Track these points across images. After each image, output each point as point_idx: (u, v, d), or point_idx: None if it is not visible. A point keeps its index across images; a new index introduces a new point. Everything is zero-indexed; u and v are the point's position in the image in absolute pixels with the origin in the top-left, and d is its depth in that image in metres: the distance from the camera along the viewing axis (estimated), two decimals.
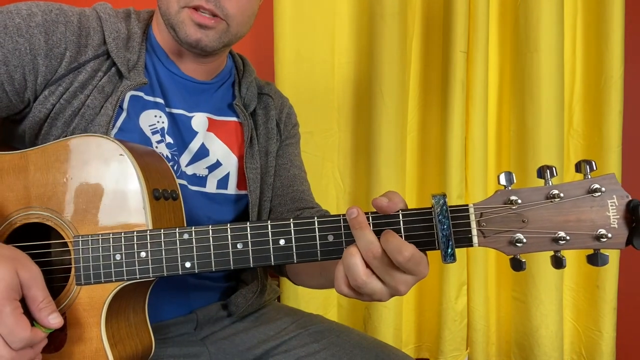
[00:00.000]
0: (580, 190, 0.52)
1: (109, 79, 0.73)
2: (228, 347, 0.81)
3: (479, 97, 1.29)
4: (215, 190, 0.82)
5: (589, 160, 0.53)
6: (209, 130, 0.83)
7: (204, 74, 0.84)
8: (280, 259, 0.57)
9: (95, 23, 0.74)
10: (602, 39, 1.31)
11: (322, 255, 0.56)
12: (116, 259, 0.60)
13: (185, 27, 0.73)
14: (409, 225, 0.55)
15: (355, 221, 0.53)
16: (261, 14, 0.84)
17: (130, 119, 0.74)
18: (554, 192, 0.52)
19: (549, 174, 0.53)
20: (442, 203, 0.53)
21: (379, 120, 1.29)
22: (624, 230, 0.52)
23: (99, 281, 0.60)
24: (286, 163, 0.91)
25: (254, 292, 0.84)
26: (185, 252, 0.59)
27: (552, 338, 1.30)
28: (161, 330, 0.76)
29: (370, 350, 0.77)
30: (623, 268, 1.35)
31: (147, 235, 0.60)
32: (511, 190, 0.54)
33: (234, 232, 0.58)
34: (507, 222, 0.53)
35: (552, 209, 0.52)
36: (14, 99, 0.70)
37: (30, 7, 0.70)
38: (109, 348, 0.60)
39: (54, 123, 0.71)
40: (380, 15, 1.27)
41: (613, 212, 0.52)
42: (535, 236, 0.53)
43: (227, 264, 0.58)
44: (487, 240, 0.54)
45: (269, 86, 0.94)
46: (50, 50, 0.69)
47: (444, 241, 0.53)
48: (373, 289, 0.53)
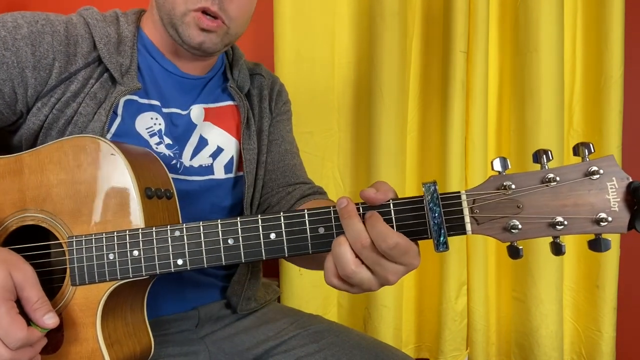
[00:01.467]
0: (577, 173, 0.50)
1: (101, 85, 0.73)
2: (228, 347, 0.81)
3: (479, 97, 1.29)
4: (224, 175, 0.82)
5: (586, 143, 0.51)
6: (206, 120, 0.83)
7: (200, 70, 0.84)
8: (272, 253, 0.57)
9: (83, 30, 0.74)
10: (602, 39, 1.31)
11: (313, 248, 0.56)
12: (109, 258, 0.60)
13: (189, 30, 0.74)
14: (400, 215, 0.53)
15: (344, 210, 0.53)
16: (261, 14, 0.84)
17: (125, 124, 0.74)
18: (549, 176, 0.50)
19: (545, 158, 0.51)
20: (433, 190, 0.52)
21: (379, 120, 1.29)
22: (625, 213, 0.49)
23: (93, 281, 0.60)
24: (277, 139, 0.91)
25: (245, 274, 0.84)
26: (177, 249, 0.59)
27: (552, 338, 1.30)
28: (162, 326, 0.77)
29: (369, 350, 0.77)
30: (623, 268, 1.35)
31: (139, 233, 0.60)
32: (505, 175, 0.52)
33: (224, 228, 0.58)
34: (502, 208, 0.51)
35: (548, 193, 0.50)
36: (5, 112, 0.70)
37: (16, 19, 0.69)
38: (105, 348, 0.60)
39: (48, 133, 0.71)
40: (380, 15, 1.27)
41: (613, 194, 0.50)
42: (531, 222, 0.51)
43: (219, 260, 0.58)
44: (482, 228, 0.52)
45: (258, 67, 0.95)
46: (38, 62, 0.69)
47: (436, 229, 0.51)
48: (362, 279, 0.52)
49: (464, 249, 1.33)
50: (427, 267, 1.39)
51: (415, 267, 0.53)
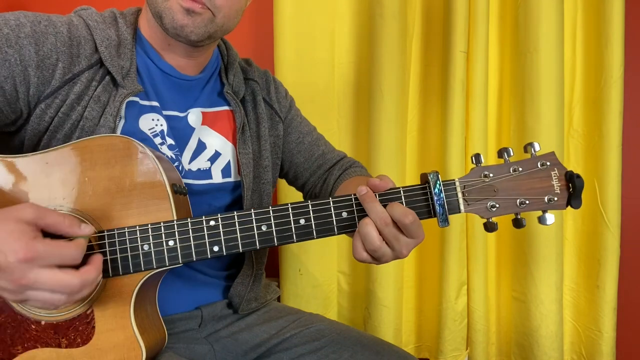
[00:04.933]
0: (532, 164, 0.67)
1: (104, 88, 0.73)
2: (231, 346, 0.82)
3: (479, 97, 1.29)
4: (221, 179, 0.83)
5: (531, 143, 0.68)
6: (204, 124, 0.83)
7: (194, 68, 0.84)
8: (302, 237, 0.65)
9: (85, 32, 0.74)
10: (602, 39, 1.31)
11: (339, 230, 0.65)
12: (144, 249, 0.63)
13: (172, 13, 0.73)
14: (409, 199, 0.66)
15: (366, 196, 0.64)
16: (261, 14, 0.84)
17: (129, 125, 0.75)
18: (514, 167, 0.67)
19: (507, 154, 0.67)
20: (436, 179, 0.66)
21: (379, 120, 1.29)
22: (565, 194, 0.66)
23: (127, 272, 0.63)
24: (298, 137, 0.96)
25: (249, 276, 0.85)
26: (213, 237, 0.64)
27: (552, 338, 1.30)
28: (167, 325, 0.77)
29: (370, 348, 0.77)
30: (623, 268, 1.35)
31: (175, 224, 0.64)
32: (485, 167, 0.67)
33: (258, 216, 0.65)
34: (483, 192, 0.67)
35: (515, 180, 0.67)
36: (5, 110, 0.69)
37: (19, 18, 0.69)
38: (140, 335, 0.62)
39: (53, 135, 0.71)
40: (380, 15, 1.27)
41: (556, 180, 0.67)
42: (504, 202, 0.66)
43: (254, 245, 0.65)
44: (471, 208, 0.66)
45: (250, 67, 0.95)
46: (42, 61, 0.69)
47: (439, 209, 0.65)
48: (384, 252, 0.63)
49: (464, 249, 1.33)
50: (427, 267, 1.39)
51: (422, 240, 0.65)
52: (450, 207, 0.66)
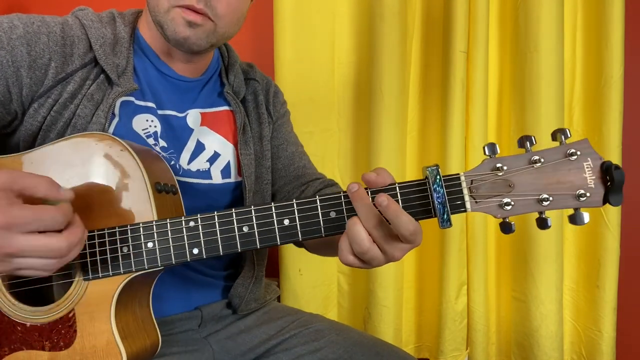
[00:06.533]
0: (558, 154, 0.56)
1: (98, 86, 0.72)
2: (231, 346, 0.82)
3: (479, 97, 1.29)
4: (221, 180, 0.82)
5: (563, 129, 0.57)
6: (203, 125, 0.83)
7: (194, 72, 0.84)
8: (286, 238, 0.60)
9: (80, 31, 0.74)
10: (602, 39, 1.31)
11: (326, 231, 0.59)
12: (123, 251, 0.61)
13: (174, 25, 0.73)
14: (405, 197, 0.58)
15: (356, 194, 0.56)
16: (261, 14, 0.84)
17: (123, 124, 0.74)
18: (535, 158, 0.56)
19: (529, 143, 0.57)
20: (436, 173, 0.57)
21: (379, 120, 1.29)
22: (600, 189, 0.56)
23: (107, 274, 0.61)
24: (282, 143, 0.94)
25: (250, 278, 0.85)
26: (193, 239, 0.61)
27: (552, 338, 1.30)
28: (166, 326, 0.77)
29: (370, 348, 0.77)
30: (623, 268, 1.35)
31: (154, 225, 0.61)
32: (497, 158, 0.57)
33: (239, 217, 0.60)
34: (496, 187, 0.57)
35: (535, 173, 0.56)
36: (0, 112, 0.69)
37: (12, 20, 0.69)
38: (120, 340, 0.61)
39: (46, 135, 0.71)
40: (380, 15, 1.27)
41: (589, 173, 0.56)
42: (521, 199, 0.56)
43: (235, 247, 0.60)
44: (479, 206, 0.57)
45: (252, 69, 0.95)
46: (34, 61, 0.69)
47: (440, 208, 0.56)
48: (374, 256, 0.57)
49: (464, 249, 1.33)
50: (427, 267, 1.39)
51: (419, 244, 0.57)
52: (453, 205, 0.57)
